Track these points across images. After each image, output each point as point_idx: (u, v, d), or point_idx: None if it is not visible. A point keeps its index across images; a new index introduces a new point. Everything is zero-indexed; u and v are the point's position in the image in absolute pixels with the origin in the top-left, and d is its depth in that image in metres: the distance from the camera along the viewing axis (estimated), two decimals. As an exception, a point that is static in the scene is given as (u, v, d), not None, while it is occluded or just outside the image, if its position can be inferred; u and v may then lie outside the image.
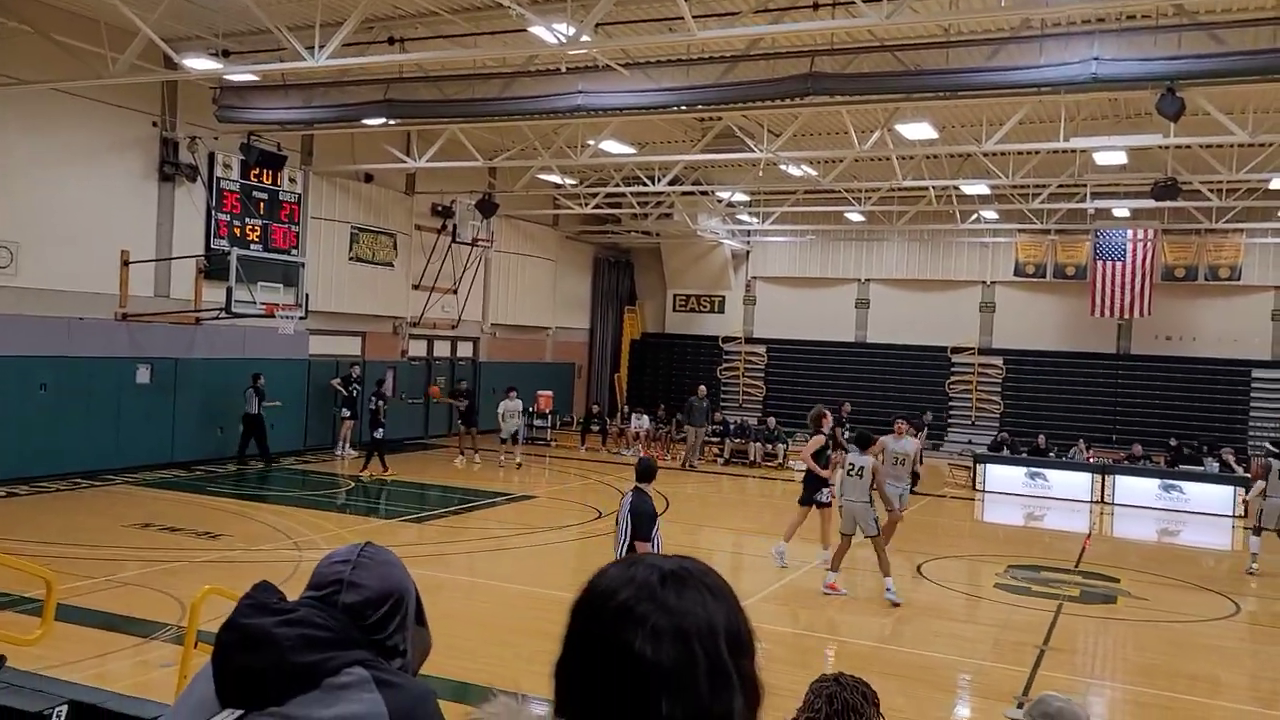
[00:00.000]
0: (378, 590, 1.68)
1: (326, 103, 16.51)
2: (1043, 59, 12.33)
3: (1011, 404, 28.82)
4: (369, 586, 1.68)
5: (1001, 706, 8.13)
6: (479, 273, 26.94)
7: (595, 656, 1.19)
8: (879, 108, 16.48)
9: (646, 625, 1.17)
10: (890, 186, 22.28)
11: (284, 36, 13.36)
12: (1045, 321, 28.75)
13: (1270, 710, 8.83)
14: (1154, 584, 13.48)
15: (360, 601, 1.66)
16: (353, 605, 1.65)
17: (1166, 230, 26.43)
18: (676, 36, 12.47)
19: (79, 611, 9.20)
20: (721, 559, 14.53)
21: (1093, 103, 16.82)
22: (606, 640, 1.18)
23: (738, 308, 32.72)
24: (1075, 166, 20.82)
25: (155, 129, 18.54)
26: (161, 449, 18.71)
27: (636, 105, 14.93)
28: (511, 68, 15.81)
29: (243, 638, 1.56)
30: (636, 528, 7.87)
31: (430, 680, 1.77)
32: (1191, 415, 26.41)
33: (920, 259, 30.07)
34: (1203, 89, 13.45)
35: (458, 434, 23.37)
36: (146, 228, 18.50)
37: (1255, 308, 26.81)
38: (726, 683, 1.18)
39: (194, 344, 19.27)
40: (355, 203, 23.17)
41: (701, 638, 1.18)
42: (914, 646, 10.03)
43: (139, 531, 13.29)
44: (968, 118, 18.68)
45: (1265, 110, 16.78)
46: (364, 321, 23.84)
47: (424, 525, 15.47)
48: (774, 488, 22.00)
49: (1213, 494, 20.74)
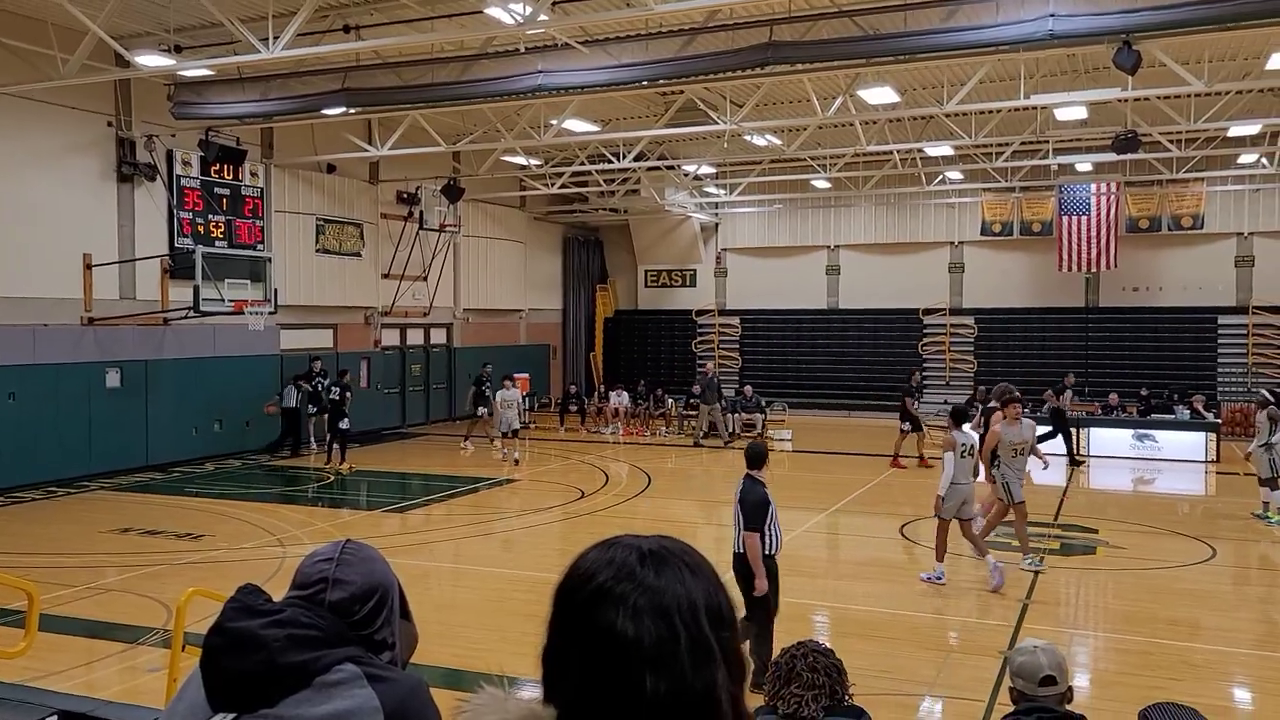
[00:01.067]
0: (362, 586, 1.69)
1: (284, 94, 16.30)
2: (1000, 17, 12.34)
3: (985, 362, 29.07)
4: (353, 583, 1.68)
5: (988, 662, 8.25)
6: (448, 258, 26.80)
7: (578, 639, 1.20)
8: (840, 74, 16.47)
9: (627, 604, 1.18)
10: (855, 152, 22.32)
11: (237, 29, 13.17)
12: (1014, 279, 28.97)
13: (1247, 650, 9.02)
14: (1132, 533, 13.69)
15: (346, 598, 1.67)
16: (338, 602, 1.66)
17: (1129, 183, 26.68)
18: (634, 11, 12.40)
19: (63, 621, 9.14)
20: (706, 532, 14.61)
21: (1051, 59, 16.89)
22: (588, 622, 1.19)
23: (709, 280, 32.75)
24: (1037, 123, 20.94)
25: (110, 129, 18.27)
26: (136, 452, 18.55)
27: (597, 82, 14.85)
28: (470, 50, 15.67)
29: (230, 641, 1.56)
30: (746, 517, 7.44)
31: (421, 669, 1.78)
32: (1161, 364, 26.77)
33: (888, 223, 30.19)
34: (1158, 41, 13.52)
35: (471, 420, 22.76)
36: (108, 230, 18.26)
37: (1218, 255, 27.14)
38: (709, 657, 1.19)
39: (163, 345, 19.08)
40: (319, 194, 22.95)
41: (682, 613, 1.19)
42: (900, 608, 10.15)
43: (118, 536, 13.20)
44: (928, 80, 18.71)
45: (1220, 59, 16.93)
46: (335, 313, 23.68)
47: (406, 514, 15.45)
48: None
49: (1185, 441, 21.05)
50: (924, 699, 7.73)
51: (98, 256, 17.84)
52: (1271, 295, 26.48)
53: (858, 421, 28.18)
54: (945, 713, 7.63)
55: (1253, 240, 26.91)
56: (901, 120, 21.50)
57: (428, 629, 1.93)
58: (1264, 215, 26.60)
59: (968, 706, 7.43)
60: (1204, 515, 16.33)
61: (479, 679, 1.34)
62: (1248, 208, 26.72)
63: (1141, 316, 27.64)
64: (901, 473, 19.38)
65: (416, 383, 26.45)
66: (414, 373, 26.35)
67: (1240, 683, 8.42)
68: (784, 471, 20.70)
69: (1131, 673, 8.22)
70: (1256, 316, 26.65)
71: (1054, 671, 3.74)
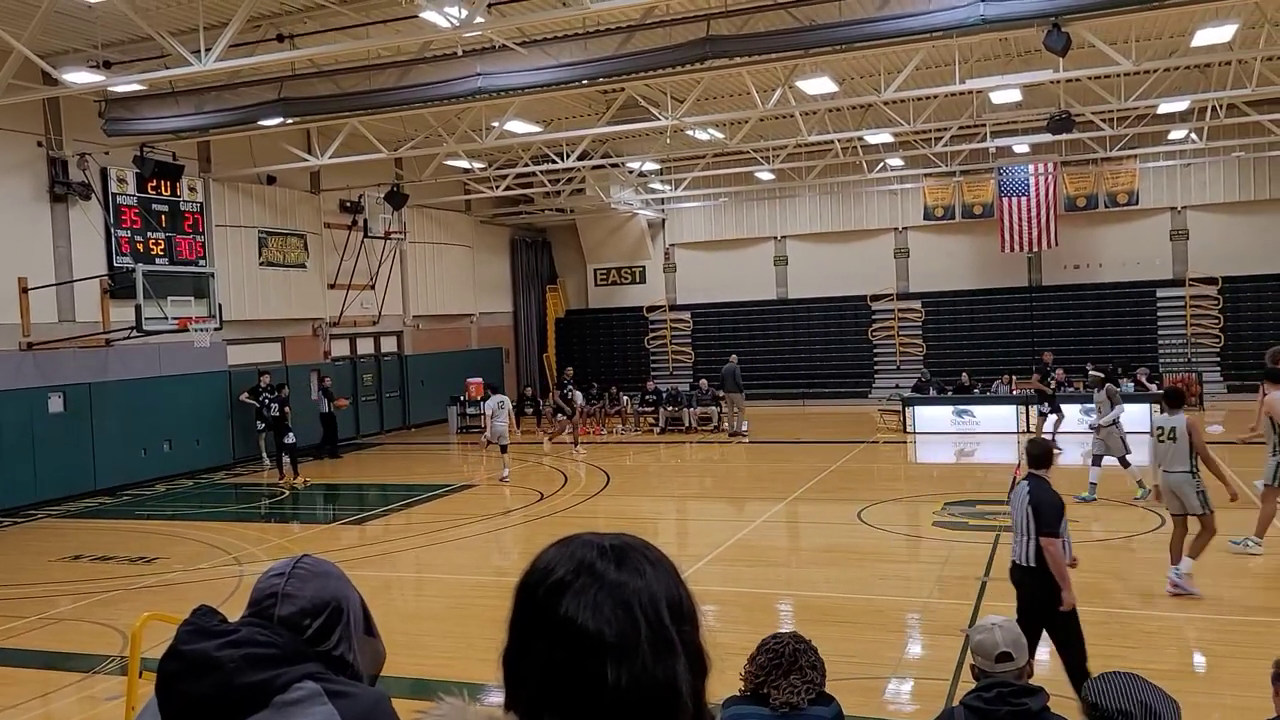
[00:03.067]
0: (312, 600, 1.67)
1: (219, 107, 16.04)
2: (932, 4, 12.51)
3: (934, 345, 29.45)
4: (302, 597, 1.66)
5: (950, 641, 8.36)
6: (395, 265, 26.56)
7: (539, 633, 1.20)
8: (779, 66, 16.58)
9: (588, 596, 1.18)
10: (797, 143, 22.47)
11: (167, 42, 12.94)
12: (958, 262, 29.37)
13: (1198, 614, 9.23)
14: (1084, 504, 13.94)
15: (295, 613, 1.64)
16: (287, 617, 1.63)
17: (1065, 162, 27.17)
18: (571, 11, 12.37)
19: (15, 654, 8.94)
20: (666, 526, 14.66)
21: (984, 44, 17.14)
22: (549, 616, 1.19)
23: (659, 276, 32.80)
24: (973, 107, 21.24)
25: (41, 149, 17.87)
26: (83, 477, 18.16)
27: (537, 83, 14.81)
28: (407, 55, 15.54)
29: (185, 665, 1.53)
30: (1041, 521, 6.76)
31: (385, 680, 1.77)
32: (1104, 339, 27.32)
33: (833, 212, 30.45)
34: (1086, 22, 13.79)
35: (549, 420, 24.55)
36: (43, 252, 17.85)
37: (1154, 230, 27.75)
38: (670, 649, 1.19)
39: (107, 366, 18.70)
40: (260, 206, 22.62)
41: (643, 606, 1.19)
42: (861, 592, 10.26)
43: (69, 564, 12.92)
44: (866, 68, 18.90)
45: (1147, 38, 17.29)
46: (282, 326, 23.36)
47: (365, 526, 15.30)
48: (712, 451, 22.22)
49: (1132, 413, 21.41)
50: (889, 681, 7.83)
51: (34, 279, 17.42)
52: (1206, 267, 27.12)
53: (812, 409, 28.43)
54: (910, 693, 7.73)
55: (1186, 214, 27.54)
56: (841, 109, 21.69)
57: (392, 640, 1.92)
58: (1195, 189, 27.23)
59: (932, 686, 7.53)
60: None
61: (440, 690, 1.33)
62: (1180, 183, 27.33)
63: (1083, 293, 28.18)
64: (887, 457, 19.65)
65: (369, 392, 26.18)
66: (366, 382, 26.08)
67: (1195, 647, 8.62)
68: (742, 462, 20.84)
69: (1089, 644, 8.37)
70: (1192, 288, 27.28)
71: (1010, 648, 3.81)
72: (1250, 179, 26.70)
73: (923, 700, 7.42)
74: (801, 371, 30.38)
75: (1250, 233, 26.78)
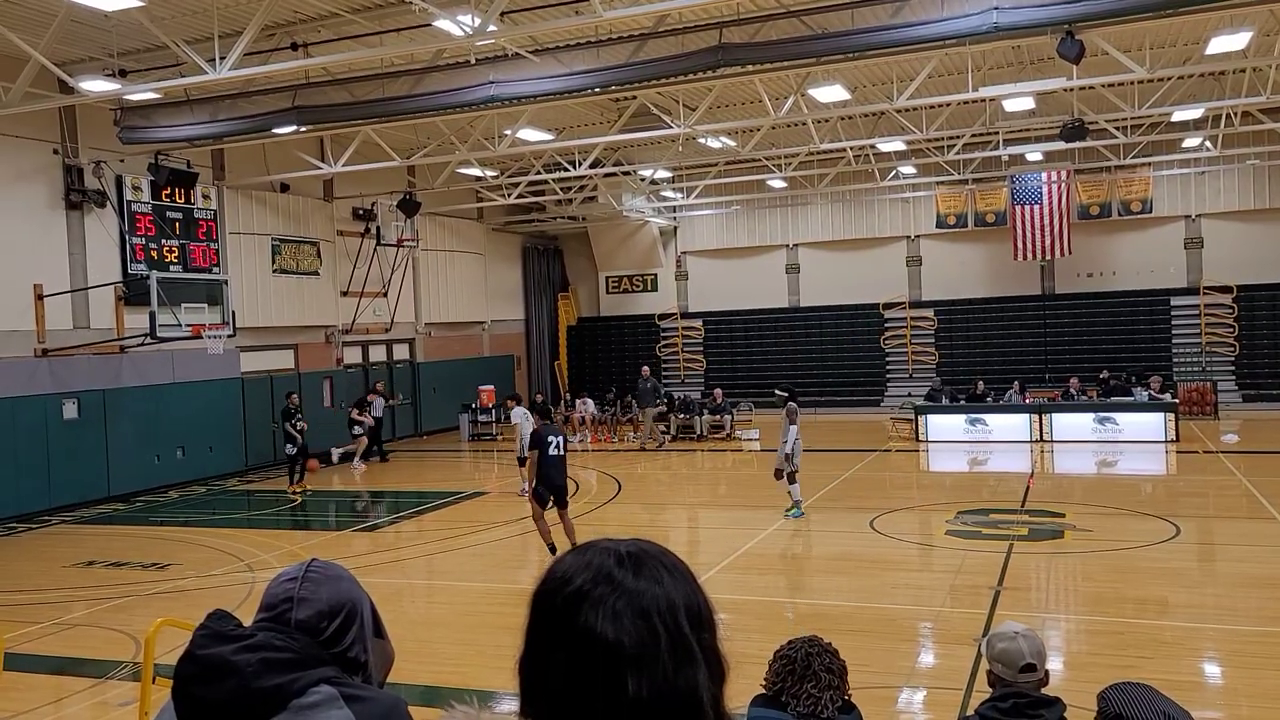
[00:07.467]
0: (328, 603, 1.67)
1: (234, 115, 16.11)
2: (945, 11, 12.49)
3: (946, 353, 29.37)
4: (318, 600, 1.66)
5: (963, 651, 8.32)
6: (407, 273, 26.63)
7: (558, 643, 1.19)
8: (791, 74, 16.59)
9: (606, 606, 1.17)
10: (809, 150, 22.47)
11: (182, 51, 13.01)
12: (971, 270, 29.30)
13: (1216, 625, 9.16)
14: (1097, 515, 13.87)
15: (313, 615, 1.64)
16: (305, 620, 1.63)
17: (1078, 170, 27.09)
18: (583, 19, 12.40)
19: (29, 659, 8.96)
20: (678, 535, 14.63)
21: (997, 51, 17.11)
22: (567, 626, 1.18)
23: (670, 284, 32.81)
24: (986, 115, 21.20)
25: (57, 156, 17.98)
26: (97, 484, 18.24)
27: (549, 91, 14.83)
28: (420, 63, 15.60)
29: (202, 669, 1.53)
30: None
31: (397, 687, 1.76)
32: (1118, 348, 27.19)
33: (845, 219, 30.43)
34: (1100, 29, 13.75)
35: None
36: (58, 259, 17.96)
37: (1168, 238, 27.62)
38: (690, 657, 1.18)
39: (121, 373, 18.79)
40: (273, 214, 22.73)
41: (661, 614, 1.18)
42: (874, 601, 10.21)
43: (83, 570, 12.96)
44: (878, 76, 18.89)
45: (1161, 45, 17.25)
46: (295, 333, 23.45)
47: (377, 533, 15.31)
48: (724, 459, 22.18)
49: (1145, 422, 21.39)
50: (902, 690, 7.78)
51: (49, 286, 17.53)
52: (1221, 275, 26.98)
53: (824, 417, 28.35)
54: (924, 703, 7.68)
55: (1200, 222, 27.41)
56: (853, 117, 21.68)
57: (403, 647, 1.91)
58: (1210, 197, 27.11)
59: (945, 695, 7.48)
60: (1166, 494, 16.58)
61: (451, 697, 1.33)
62: (1194, 190, 27.22)
63: (1097, 301, 28.07)
64: (899, 466, 19.56)
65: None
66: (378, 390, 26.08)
67: (1210, 658, 8.56)
68: (752, 471, 20.78)
69: (1104, 653, 8.31)
70: (1207, 297, 27.14)
71: (1034, 659, 3.78)
72: (1265, 187, 26.57)
73: (936, 710, 7.37)
74: (813, 380, 30.30)
75: (1266, 241, 26.64)
